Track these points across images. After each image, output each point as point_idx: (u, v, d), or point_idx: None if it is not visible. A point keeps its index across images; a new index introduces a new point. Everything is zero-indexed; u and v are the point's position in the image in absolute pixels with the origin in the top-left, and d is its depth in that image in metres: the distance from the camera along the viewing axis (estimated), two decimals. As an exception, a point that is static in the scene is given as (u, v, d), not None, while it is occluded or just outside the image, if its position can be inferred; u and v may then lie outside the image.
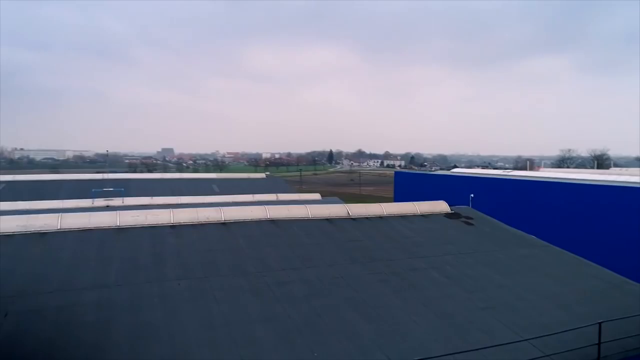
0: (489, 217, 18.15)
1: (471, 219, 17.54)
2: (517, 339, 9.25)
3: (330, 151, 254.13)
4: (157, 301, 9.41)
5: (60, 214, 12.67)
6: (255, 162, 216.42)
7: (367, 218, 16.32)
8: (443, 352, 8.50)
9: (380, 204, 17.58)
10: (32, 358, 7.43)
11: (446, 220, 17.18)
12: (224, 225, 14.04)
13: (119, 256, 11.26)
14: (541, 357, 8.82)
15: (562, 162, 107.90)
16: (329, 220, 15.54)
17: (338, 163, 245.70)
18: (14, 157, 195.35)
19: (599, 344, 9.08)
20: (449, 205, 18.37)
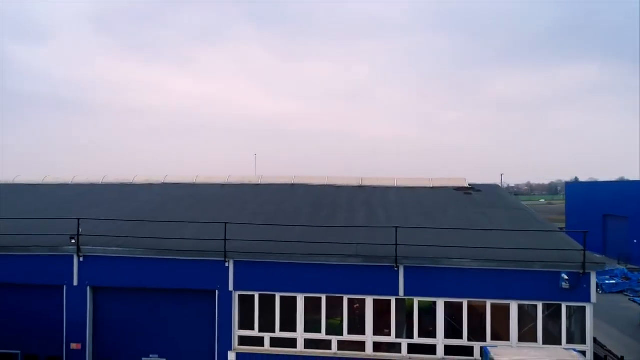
0: (507, 195, 18.67)
1: (479, 191, 18.53)
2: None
3: (576, 179, 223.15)
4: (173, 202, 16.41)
5: (166, 174, 21.22)
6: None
7: (374, 187, 19.57)
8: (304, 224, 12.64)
9: (395, 177, 20.34)
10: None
11: (450, 191, 18.75)
12: (257, 185, 20.05)
13: (182, 193, 18.80)
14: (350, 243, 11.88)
15: None
16: (336, 187, 19.63)
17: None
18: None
19: (395, 245, 11.38)
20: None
